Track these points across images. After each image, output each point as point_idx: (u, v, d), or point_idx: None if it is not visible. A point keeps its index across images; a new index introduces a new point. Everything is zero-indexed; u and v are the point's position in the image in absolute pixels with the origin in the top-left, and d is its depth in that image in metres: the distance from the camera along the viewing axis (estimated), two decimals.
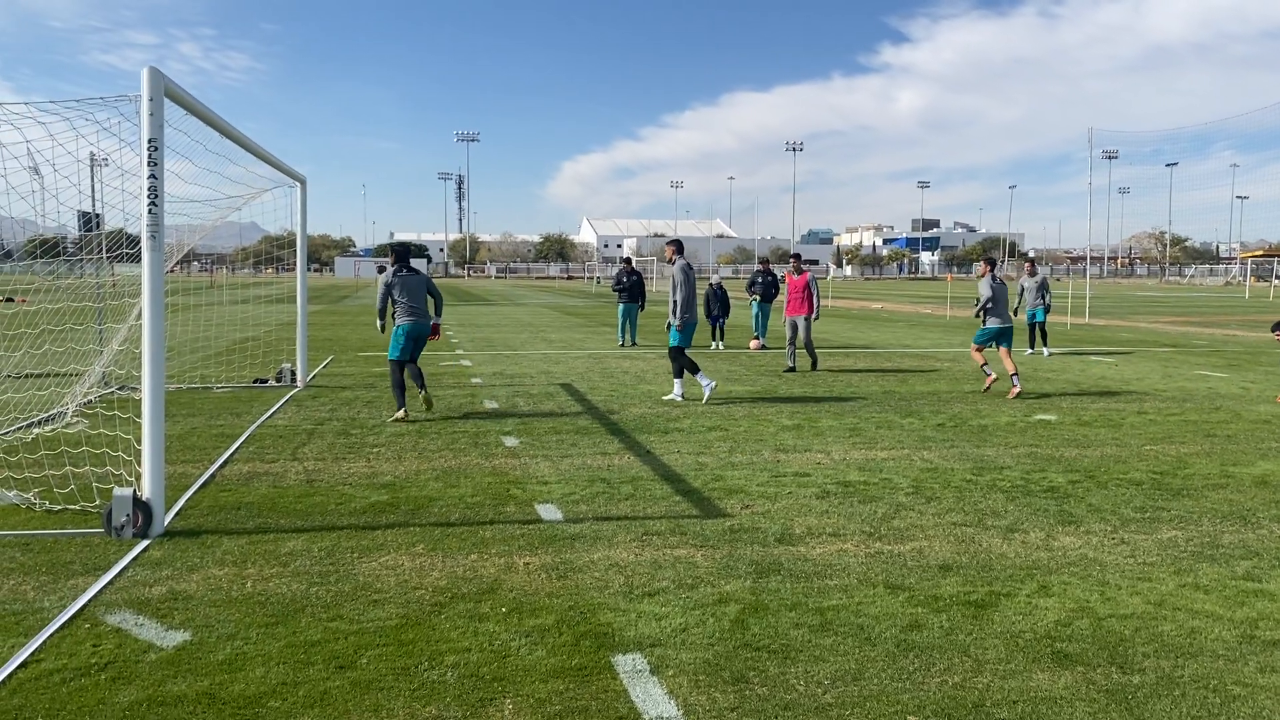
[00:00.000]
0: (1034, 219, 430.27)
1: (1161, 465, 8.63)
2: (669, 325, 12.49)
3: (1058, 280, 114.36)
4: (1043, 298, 19.93)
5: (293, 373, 14.01)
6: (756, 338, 21.27)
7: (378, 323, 11.09)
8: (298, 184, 13.69)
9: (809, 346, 16.09)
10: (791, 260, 16.85)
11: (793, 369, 16.02)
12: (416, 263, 11.54)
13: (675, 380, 12.53)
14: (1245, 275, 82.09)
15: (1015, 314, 20.52)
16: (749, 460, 8.77)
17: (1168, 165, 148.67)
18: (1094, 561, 5.84)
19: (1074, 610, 5.02)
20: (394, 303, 10.92)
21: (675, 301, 12.31)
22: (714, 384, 12.58)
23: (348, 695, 3.98)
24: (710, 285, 21.19)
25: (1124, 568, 5.73)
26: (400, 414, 10.70)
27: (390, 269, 11.09)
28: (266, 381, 14.00)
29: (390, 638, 4.58)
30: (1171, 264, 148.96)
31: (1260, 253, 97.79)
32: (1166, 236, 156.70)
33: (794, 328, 16.16)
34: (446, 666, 4.27)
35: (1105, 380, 15.07)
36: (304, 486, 7.61)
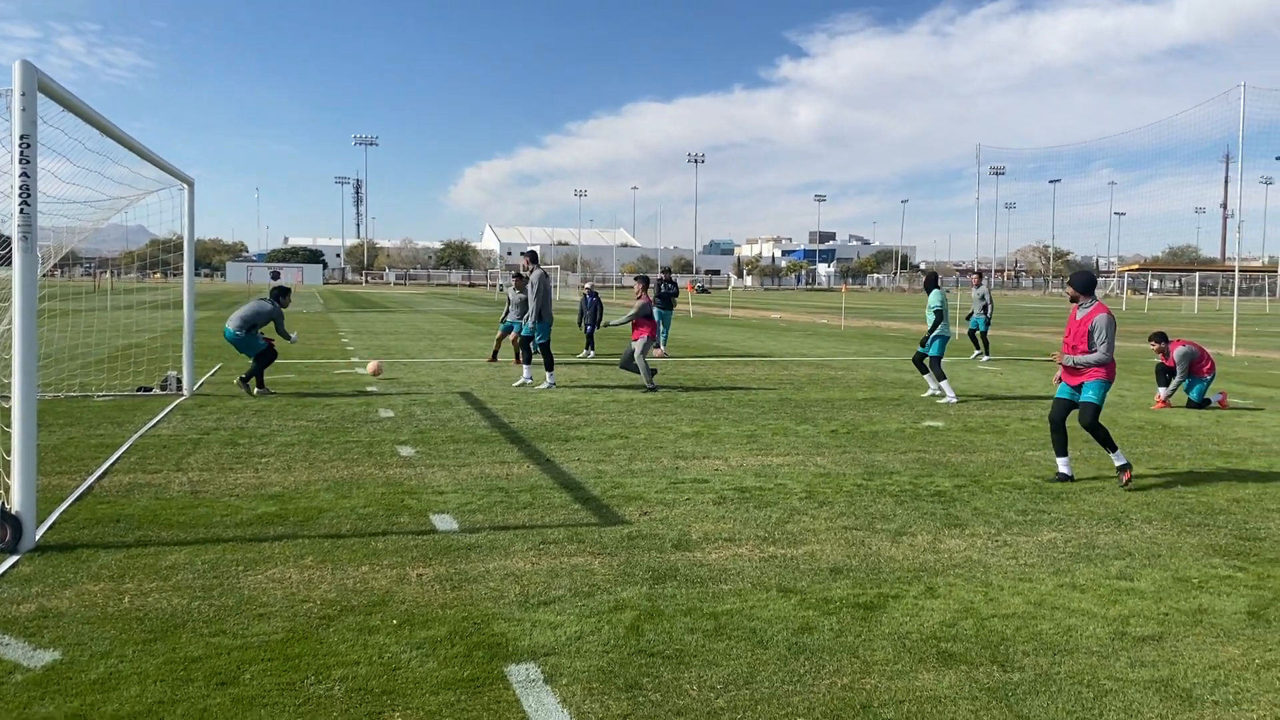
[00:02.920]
0: (925, 232, 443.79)
1: (1043, 470, 8.95)
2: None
3: (948, 292, 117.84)
4: (984, 308, 21.13)
5: (179, 380, 13.54)
6: (658, 346, 21.38)
7: None
8: (185, 186, 13.25)
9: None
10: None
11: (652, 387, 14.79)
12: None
13: (547, 373, 14.59)
14: (1123, 288, 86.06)
15: (968, 319, 21.71)
16: (648, 467, 8.80)
17: (1051, 182, 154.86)
18: (978, 563, 6.03)
19: (959, 611, 5.16)
20: None
21: (531, 307, 14.59)
22: (529, 381, 14.77)
23: (229, 712, 3.85)
24: (584, 294, 21.14)
25: (1006, 569, 5.93)
26: None
27: None
28: (151, 390, 13.49)
29: (276, 652, 4.45)
30: (1055, 276, 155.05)
31: (1136, 267, 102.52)
32: (1050, 250, 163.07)
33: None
34: (334, 680, 4.16)
35: (991, 388, 15.58)
36: (188, 498, 7.35)
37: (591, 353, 20.69)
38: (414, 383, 15.25)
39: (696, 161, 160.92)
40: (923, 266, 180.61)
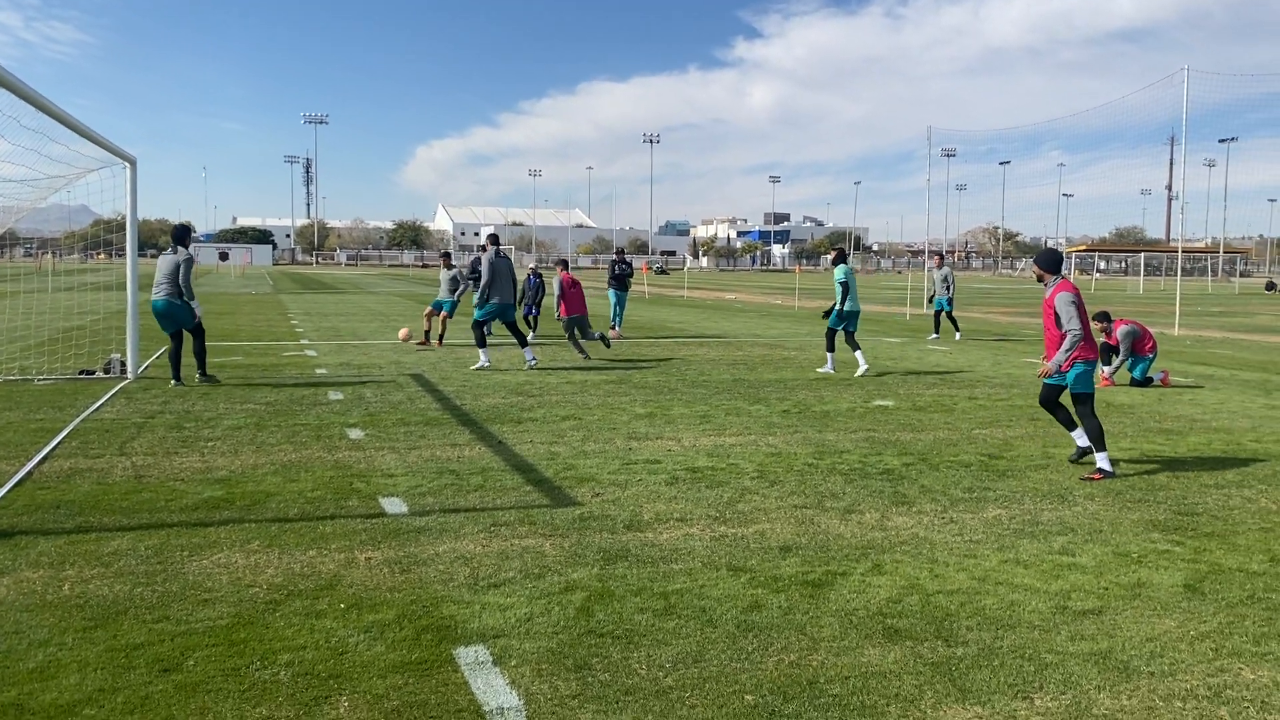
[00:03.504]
0: (878, 214, 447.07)
1: (989, 448, 9.09)
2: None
3: (899, 273, 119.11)
4: (947, 288, 21.50)
5: (123, 364, 13.28)
6: (614, 327, 21.37)
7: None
8: (127, 164, 12.97)
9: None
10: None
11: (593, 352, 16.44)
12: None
13: (480, 350, 14.69)
14: (1070, 269, 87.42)
15: (928, 303, 22.35)
16: (601, 449, 8.80)
17: (1001, 163, 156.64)
18: (924, 540, 6.11)
19: (905, 587, 5.23)
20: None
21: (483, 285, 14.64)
22: (486, 364, 14.57)
23: (172, 699, 3.80)
24: (527, 275, 20.60)
25: (952, 545, 6.02)
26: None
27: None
28: (93, 373, 13.23)
29: (220, 638, 4.40)
30: (1004, 258, 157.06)
31: (1084, 248, 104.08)
32: (1000, 231, 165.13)
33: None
34: (280, 665, 4.12)
35: (940, 367, 15.78)
36: (131, 483, 7.23)
37: (532, 334, 20.45)
38: (364, 364, 15.10)
39: (652, 142, 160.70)
40: (875, 248, 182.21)
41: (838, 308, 14.43)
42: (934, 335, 21.79)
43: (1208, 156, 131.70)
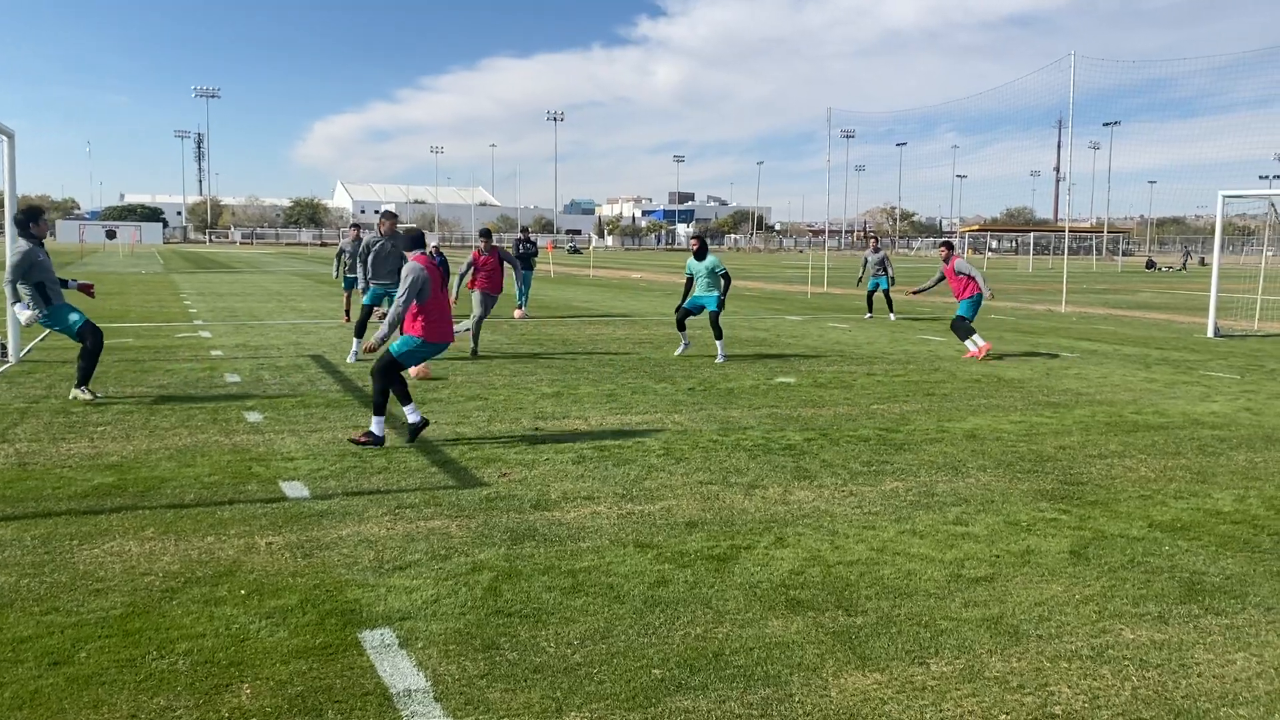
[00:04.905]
0: (780, 194, 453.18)
1: (887, 423, 9.34)
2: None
3: (800, 252, 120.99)
4: (884, 269, 22.39)
5: (3, 347, 12.68)
6: (520, 307, 21.25)
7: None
8: (5, 138, 12.34)
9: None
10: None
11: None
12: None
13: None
14: (964, 247, 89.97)
15: (859, 284, 22.78)
16: (508, 429, 8.76)
17: (898, 145, 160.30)
18: (825, 513, 6.26)
19: (807, 559, 5.36)
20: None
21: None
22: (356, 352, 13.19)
23: (63, 693, 3.67)
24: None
25: (851, 518, 6.18)
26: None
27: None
28: None
29: (114, 628, 4.27)
30: (901, 237, 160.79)
31: (977, 227, 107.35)
32: (897, 211, 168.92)
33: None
34: (178, 654, 4.02)
35: (840, 345, 16.12)
36: (15, 470, 6.93)
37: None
38: (262, 346, 14.72)
39: (556, 120, 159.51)
40: (777, 227, 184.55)
41: (720, 296, 14.31)
42: (868, 315, 22.32)
43: (1093, 139, 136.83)
